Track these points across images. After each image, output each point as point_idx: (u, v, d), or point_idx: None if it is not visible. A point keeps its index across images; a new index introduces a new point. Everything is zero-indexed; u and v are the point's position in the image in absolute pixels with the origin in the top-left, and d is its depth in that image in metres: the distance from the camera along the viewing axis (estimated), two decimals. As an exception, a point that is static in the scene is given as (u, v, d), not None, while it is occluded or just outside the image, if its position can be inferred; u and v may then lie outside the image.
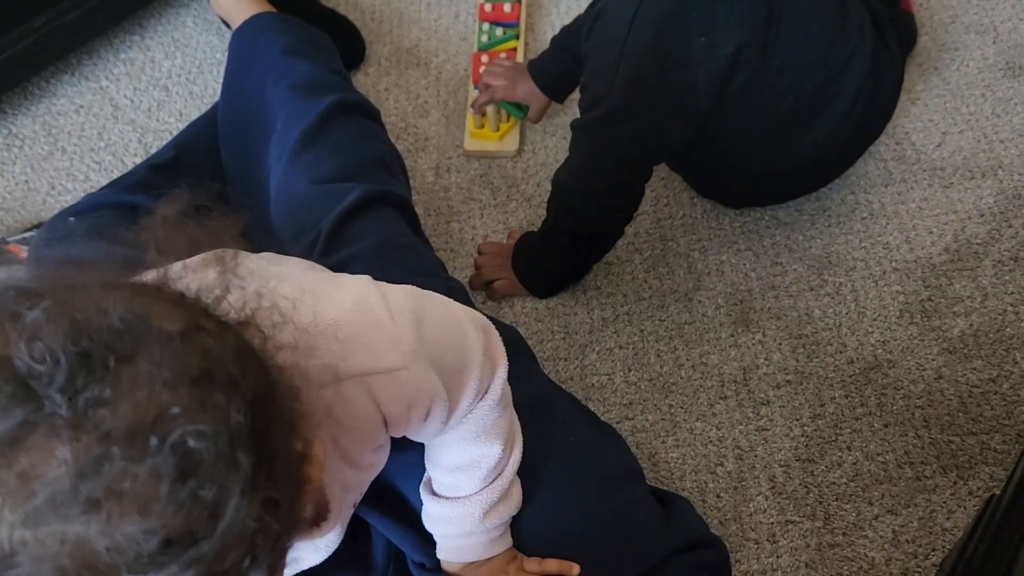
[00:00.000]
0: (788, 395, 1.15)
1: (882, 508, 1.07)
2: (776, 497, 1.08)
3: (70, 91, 1.48)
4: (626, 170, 1.09)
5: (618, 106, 1.02)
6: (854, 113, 1.12)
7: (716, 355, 1.18)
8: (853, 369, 1.17)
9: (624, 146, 1.06)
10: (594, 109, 1.05)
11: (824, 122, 1.12)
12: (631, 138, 1.05)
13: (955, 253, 1.25)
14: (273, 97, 1.07)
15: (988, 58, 1.44)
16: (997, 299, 1.21)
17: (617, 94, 1.01)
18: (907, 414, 1.13)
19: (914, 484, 1.08)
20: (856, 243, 1.27)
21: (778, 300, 1.23)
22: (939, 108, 1.39)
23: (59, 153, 1.41)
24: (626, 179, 1.10)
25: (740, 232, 1.29)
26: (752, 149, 1.14)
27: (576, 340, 1.20)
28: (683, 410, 1.15)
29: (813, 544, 1.05)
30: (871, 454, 1.11)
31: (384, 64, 1.49)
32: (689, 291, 1.24)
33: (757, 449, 1.12)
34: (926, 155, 1.34)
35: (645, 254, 1.27)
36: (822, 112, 1.11)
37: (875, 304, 1.22)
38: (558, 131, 1.40)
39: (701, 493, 1.09)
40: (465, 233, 1.31)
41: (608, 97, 1.02)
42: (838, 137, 1.14)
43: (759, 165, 1.17)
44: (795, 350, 1.18)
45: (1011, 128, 1.36)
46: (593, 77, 1.05)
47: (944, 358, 1.17)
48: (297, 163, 0.98)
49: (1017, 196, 1.30)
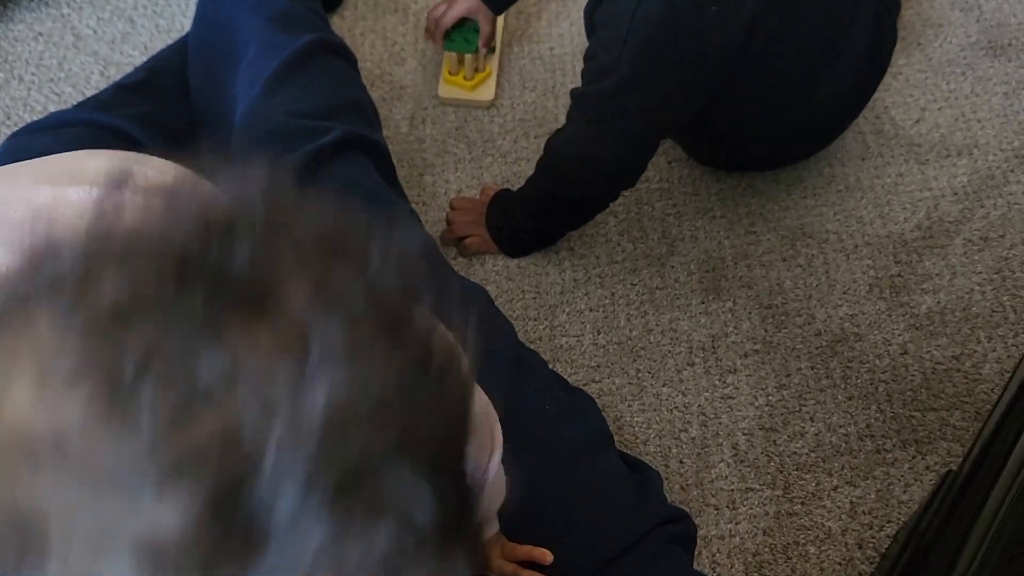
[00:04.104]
0: (755, 364, 1.15)
1: (841, 479, 1.08)
2: (738, 465, 1.09)
3: (28, 17, 1.41)
4: (633, 144, 1.06)
5: (627, 78, 0.99)
6: (861, 69, 1.12)
7: (686, 321, 1.18)
8: (820, 341, 1.17)
9: (632, 119, 1.02)
10: (600, 81, 1.01)
11: (834, 77, 1.11)
12: (640, 111, 1.01)
13: (927, 230, 1.26)
14: (247, 27, 1.03)
15: (971, 36, 1.43)
16: (965, 278, 1.22)
17: (625, 66, 0.98)
18: (871, 388, 1.14)
19: (873, 457, 1.10)
20: (830, 215, 1.27)
21: (750, 269, 1.22)
22: (919, 84, 1.38)
23: (15, 81, 1.35)
24: (631, 153, 1.07)
25: (716, 199, 1.28)
26: (765, 109, 1.12)
27: (546, 301, 1.19)
28: (650, 375, 1.14)
29: (772, 512, 1.06)
30: (833, 426, 1.12)
31: (361, 8, 1.44)
32: (662, 256, 1.23)
33: (722, 416, 1.12)
34: (904, 131, 1.34)
35: (620, 217, 1.26)
36: (832, 66, 1.10)
37: (845, 277, 1.22)
38: (537, 86, 1.37)
39: (664, 458, 1.09)
40: (438, 187, 1.28)
41: (616, 69, 0.99)
42: (846, 94, 1.14)
43: (770, 126, 1.16)
44: (764, 320, 1.18)
45: (989, 108, 1.36)
46: (600, 47, 1.01)
47: (910, 334, 1.18)
48: (273, 94, 0.95)
49: (991, 176, 1.31)
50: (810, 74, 1.10)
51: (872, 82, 1.20)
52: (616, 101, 1.02)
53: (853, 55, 1.11)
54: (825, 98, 1.13)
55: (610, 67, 1.00)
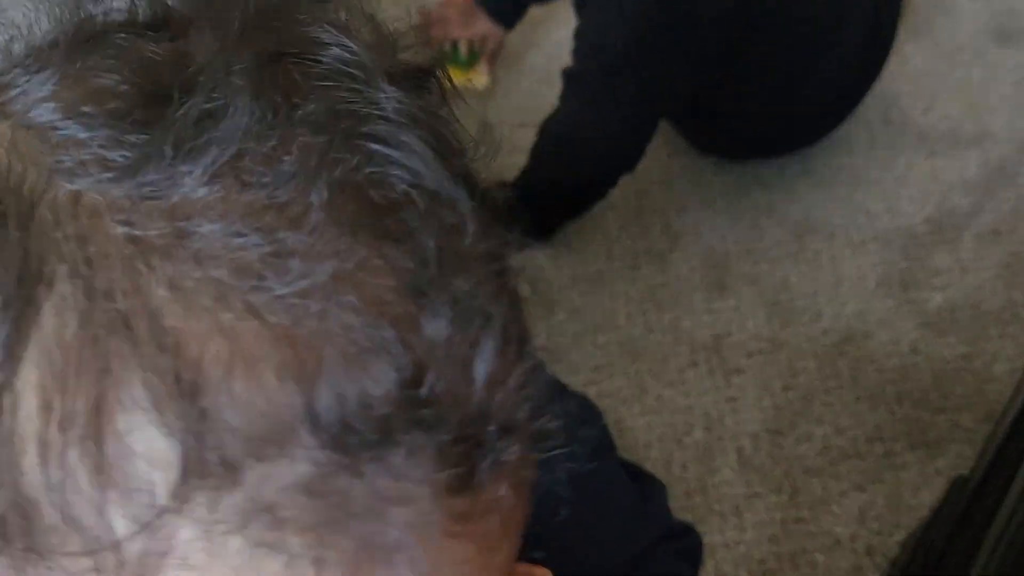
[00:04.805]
0: (760, 364, 1.12)
1: (850, 484, 1.05)
2: (743, 469, 1.05)
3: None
4: (630, 122, 1.04)
5: (621, 54, 0.97)
6: (863, 44, 1.11)
7: (688, 320, 1.14)
8: (828, 340, 1.14)
9: (629, 95, 1.00)
10: (594, 58, 0.99)
11: (834, 52, 1.10)
12: (636, 87, 0.99)
13: (936, 224, 1.22)
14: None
15: (981, 22, 1.39)
16: (975, 274, 1.19)
17: (619, 41, 0.96)
18: (879, 388, 1.11)
19: (882, 460, 1.06)
20: (837, 208, 1.23)
21: (755, 265, 1.19)
22: (928, 71, 1.35)
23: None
24: (629, 132, 1.05)
25: (719, 191, 1.24)
26: (766, 82, 1.11)
27: (542, 299, 1.15)
28: (652, 376, 1.11)
29: (778, 519, 1.03)
30: (841, 428, 1.08)
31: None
32: (663, 251, 1.19)
33: (726, 419, 1.08)
34: (912, 120, 1.30)
35: (619, 211, 1.22)
36: (832, 40, 1.09)
37: (853, 273, 1.18)
38: (534, 73, 1.33)
39: (666, 463, 1.05)
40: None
41: (610, 47, 0.97)
42: (847, 70, 1.13)
43: (771, 103, 1.14)
44: (770, 318, 1.15)
45: (999, 96, 1.33)
46: (591, 26, 0.99)
47: (920, 332, 1.14)
48: None
49: (1001, 167, 1.27)
50: (810, 46, 1.09)
51: (875, 60, 1.19)
52: (611, 78, 0.99)
53: (854, 26, 1.09)
54: (826, 75, 1.12)
55: (603, 43, 0.97)
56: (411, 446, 0.19)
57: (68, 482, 0.18)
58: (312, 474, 0.19)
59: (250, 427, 0.18)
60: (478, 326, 0.20)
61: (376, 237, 0.20)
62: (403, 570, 0.20)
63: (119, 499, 0.18)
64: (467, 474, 0.20)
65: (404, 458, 0.19)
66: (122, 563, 0.19)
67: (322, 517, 0.19)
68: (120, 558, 0.19)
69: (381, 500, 0.19)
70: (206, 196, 0.19)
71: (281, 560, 0.19)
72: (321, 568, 0.19)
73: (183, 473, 0.18)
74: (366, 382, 0.19)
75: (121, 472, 0.18)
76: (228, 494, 0.18)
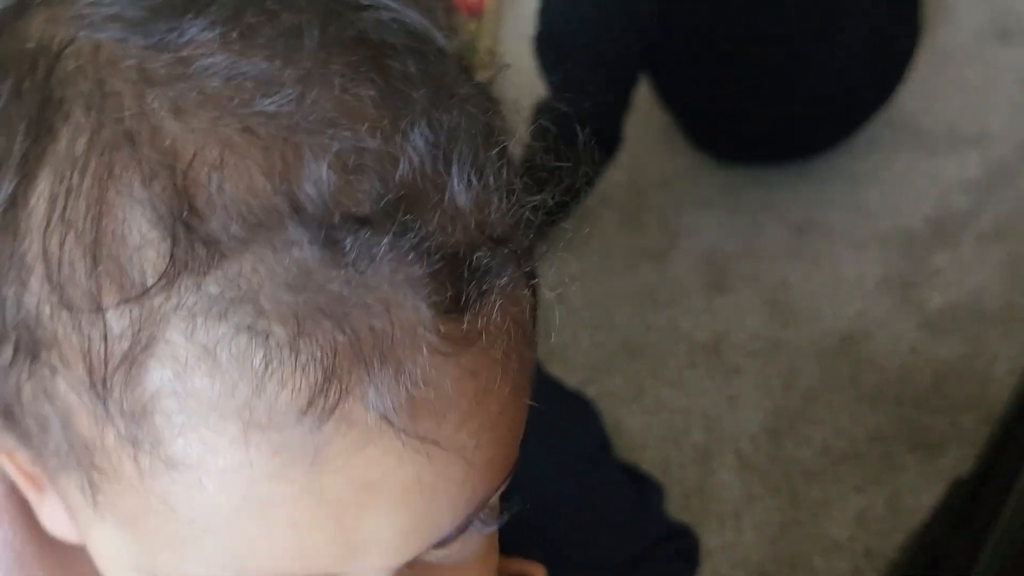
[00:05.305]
0: (760, 364, 1.11)
1: (849, 485, 1.05)
2: (742, 471, 1.05)
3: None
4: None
5: None
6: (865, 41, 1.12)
7: (687, 319, 1.14)
8: (828, 340, 1.13)
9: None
10: None
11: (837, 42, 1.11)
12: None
13: (936, 224, 1.22)
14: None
15: (982, 21, 1.39)
16: (975, 274, 1.19)
17: None
18: (879, 389, 1.10)
19: (882, 462, 1.06)
20: (837, 208, 1.23)
21: (755, 264, 1.19)
22: (930, 72, 1.34)
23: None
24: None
25: (719, 190, 1.24)
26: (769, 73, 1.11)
27: (539, 298, 1.14)
28: (650, 376, 1.10)
29: (777, 521, 1.02)
30: (841, 429, 1.08)
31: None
32: (662, 250, 1.19)
33: (725, 420, 1.08)
34: (914, 120, 1.30)
35: (617, 209, 1.22)
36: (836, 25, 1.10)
37: (853, 273, 1.18)
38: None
39: (664, 464, 1.05)
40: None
41: None
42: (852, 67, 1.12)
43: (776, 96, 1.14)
44: (770, 317, 1.14)
45: (999, 96, 1.33)
46: None
47: (920, 332, 1.14)
48: None
49: (1001, 168, 1.27)
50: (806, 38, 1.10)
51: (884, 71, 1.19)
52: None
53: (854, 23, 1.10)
54: (825, 74, 1.12)
55: None
56: (395, 252, 0.20)
57: (66, 274, 0.20)
58: (296, 265, 0.20)
59: (236, 217, 0.20)
60: (456, 143, 0.22)
61: (363, 60, 0.22)
62: (386, 377, 0.20)
63: (111, 286, 0.20)
64: (455, 295, 0.21)
65: (388, 263, 0.20)
66: (111, 356, 0.20)
67: (305, 309, 0.20)
68: (110, 350, 0.20)
69: (364, 301, 0.20)
70: (208, 38, 0.22)
71: (262, 351, 0.20)
72: (302, 361, 0.20)
73: (171, 259, 0.20)
74: (349, 179, 0.20)
75: (114, 260, 0.20)
76: (212, 279, 0.20)
